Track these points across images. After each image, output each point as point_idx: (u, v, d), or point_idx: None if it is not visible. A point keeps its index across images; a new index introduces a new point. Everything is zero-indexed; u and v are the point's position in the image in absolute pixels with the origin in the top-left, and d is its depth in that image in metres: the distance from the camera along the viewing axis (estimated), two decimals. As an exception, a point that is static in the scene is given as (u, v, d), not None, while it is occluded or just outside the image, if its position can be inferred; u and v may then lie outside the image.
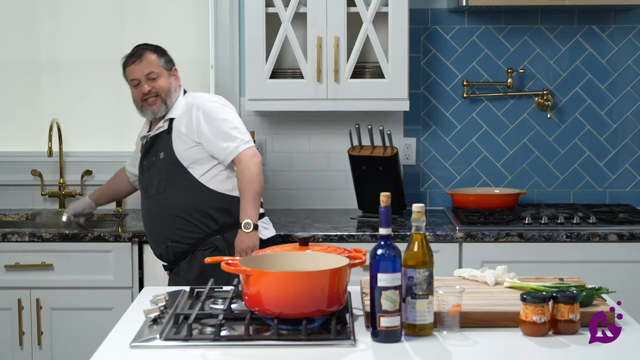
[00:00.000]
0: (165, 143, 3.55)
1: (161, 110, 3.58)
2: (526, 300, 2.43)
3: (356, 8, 4.06)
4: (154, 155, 3.58)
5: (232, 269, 2.49)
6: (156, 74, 3.58)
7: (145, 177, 3.60)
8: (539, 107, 4.38)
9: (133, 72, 3.59)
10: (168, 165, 3.53)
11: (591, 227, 3.90)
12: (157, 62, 3.60)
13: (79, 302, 3.86)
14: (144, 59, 3.59)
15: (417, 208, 2.44)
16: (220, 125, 3.51)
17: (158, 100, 3.57)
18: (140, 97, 3.58)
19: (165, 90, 3.58)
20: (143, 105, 3.59)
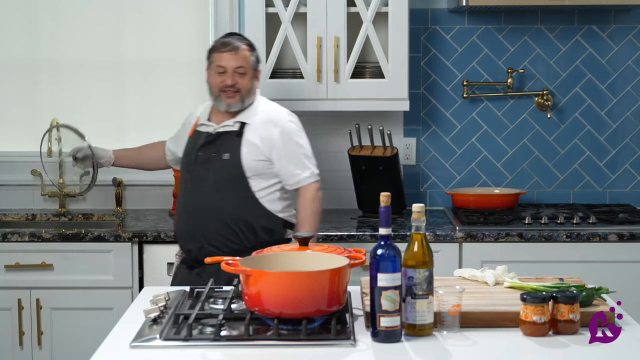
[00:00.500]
0: (232, 145, 3.46)
1: (236, 106, 3.48)
2: (526, 300, 2.43)
3: (356, 8, 4.06)
4: (214, 152, 3.47)
5: (232, 269, 2.49)
6: (245, 70, 3.47)
7: (197, 168, 3.49)
8: (539, 107, 4.38)
9: (223, 59, 3.47)
10: (230, 169, 3.44)
11: (591, 227, 3.90)
12: (249, 59, 3.50)
13: (79, 302, 3.86)
14: (240, 52, 3.48)
15: (417, 208, 2.44)
16: (296, 150, 3.49)
17: (237, 96, 3.47)
18: (219, 86, 3.47)
19: (248, 89, 3.48)
20: (219, 95, 3.48)
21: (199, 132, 3.54)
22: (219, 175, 3.45)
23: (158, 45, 4.44)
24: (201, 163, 3.48)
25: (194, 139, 3.56)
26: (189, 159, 3.53)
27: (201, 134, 3.53)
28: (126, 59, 4.44)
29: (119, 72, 4.45)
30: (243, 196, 3.44)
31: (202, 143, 3.50)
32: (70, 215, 4.31)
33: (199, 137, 3.53)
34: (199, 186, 3.47)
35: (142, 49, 4.44)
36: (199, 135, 3.54)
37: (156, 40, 4.45)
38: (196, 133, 3.56)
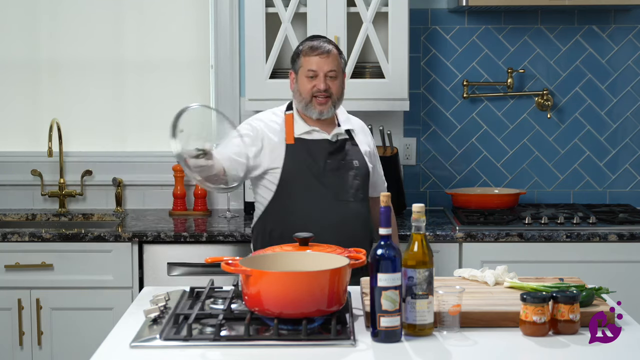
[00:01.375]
0: (356, 152, 3.39)
1: (328, 113, 3.33)
2: (526, 300, 2.43)
3: (356, 8, 4.06)
4: (342, 159, 3.35)
5: (232, 269, 2.49)
6: (336, 73, 3.32)
7: (330, 177, 3.32)
8: (539, 107, 4.38)
9: (314, 63, 3.30)
10: (364, 176, 3.38)
11: (591, 227, 3.90)
12: (339, 62, 3.35)
13: (79, 302, 3.86)
14: (331, 55, 3.31)
15: (417, 208, 2.44)
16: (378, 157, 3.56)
17: (329, 102, 3.31)
18: (310, 92, 3.31)
19: (339, 93, 3.35)
20: (311, 101, 3.31)
21: (307, 139, 3.35)
22: (358, 183, 3.36)
23: (158, 45, 4.44)
24: (333, 170, 3.33)
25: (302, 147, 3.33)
26: (311, 166, 3.32)
27: (315, 141, 3.35)
28: (126, 59, 4.45)
29: (119, 72, 4.45)
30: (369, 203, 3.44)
31: (329, 150, 3.34)
32: (70, 215, 4.32)
33: (312, 144, 3.34)
34: (340, 195, 3.32)
35: (142, 49, 4.44)
36: (310, 143, 3.34)
37: (156, 40, 4.45)
38: (301, 140, 3.35)
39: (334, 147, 3.35)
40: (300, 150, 3.33)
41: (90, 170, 4.40)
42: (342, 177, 3.33)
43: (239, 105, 4.36)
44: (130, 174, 4.41)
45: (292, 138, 3.34)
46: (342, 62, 3.37)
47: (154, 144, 4.47)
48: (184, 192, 4.31)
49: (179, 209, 4.30)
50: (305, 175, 3.31)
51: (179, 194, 4.31)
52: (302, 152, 3.33)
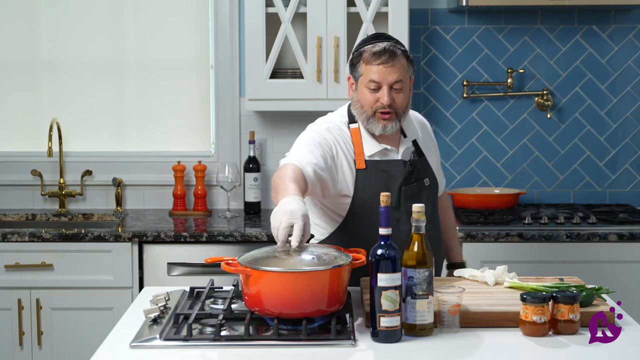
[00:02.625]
0: (425, 168, 2.99)
1: (392, 128, 2.85)
2: (526, 300, 2.43)
3: (356, 8, 4.06)
4: (415, 181, 2.94)
5: (232, 269, 2.49)
6: (402, 85, 2.82)
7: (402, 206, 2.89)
8: (539, 107, 4.38)
9: (377, 73, 2.80)
10: (434, 195, 3.02)
11: (591, 227, 3.90)
12: (407, 68, 2.84)
13: (79, 302, 3.86)
14: (397, 62, 2.81)
15: (417, 208, 2.44)
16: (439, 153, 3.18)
17: (393, 117, 2.83)
18: (373, 106, 2.83)
19: (404, 107, 2.86)
20: (374, 115, 2.84)
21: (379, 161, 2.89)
22: (430, 205, 2.95)
23: (158, 45, 4.44)
24: (407, 198, 2.90)
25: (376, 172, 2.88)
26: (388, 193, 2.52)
27: (387, 163, 2.90)
28: (126, 59, 4.45)
29: (119, 72, 4.45)
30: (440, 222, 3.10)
31: (403, 176, 2.90)
32: (70, 215, 4.32)
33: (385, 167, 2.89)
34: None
35: (142, 49, 4.44)
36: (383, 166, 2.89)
37: (156, 40, 4.45)
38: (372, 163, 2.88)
39: (407, 171, 2.92)
40: (373, 177, 2.87)
41: (90, 170, 4.40)
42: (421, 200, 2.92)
43: (239, 105, 4.36)
44: (130, 174, 4.41)
45: (362, 161, 2.86)
46: (410, 69, 2.87)
47: (154, 144, 4.47)
48: (184, 192, 4.31)
49: (179, 209, 4.30)
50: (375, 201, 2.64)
51: (179, 194, 4.31)
52: (375, 179, 2.87)
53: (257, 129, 4.38)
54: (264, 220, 4.15)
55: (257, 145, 4.36)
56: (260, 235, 3.84)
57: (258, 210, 4.31)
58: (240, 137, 4.39)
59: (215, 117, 4.40)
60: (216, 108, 4.39)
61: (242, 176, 4.32)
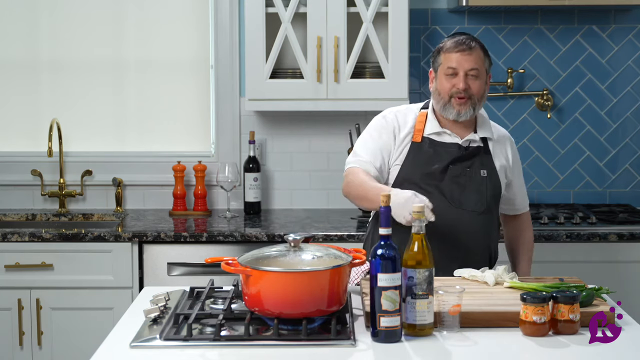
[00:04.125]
0: (486, 162, 3.10)
1: (467, 114, 3.04)
2: (526, 300, 2.43)
3: (356, 8, 4.06)
4: (468, 167, 3.07)
5: (232, 269, 2.49)
6: (478, 72, 3.03)
7: (449, 184, 3.05)
8: (539, 107, 4.38)
9: (455, 60, 3.02)
10: (493, 188, 3.10)
11: (591, 227, 3.90)
12: (483, 60, 3.06)
13: (79, 302, 3.86)
14: (474, 52, 3.03)
15: (417, 208, 2.44)
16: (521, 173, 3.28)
17: (468, 102, 3.03)
18: (450, 91, 3.03)
19: (480, 94, 3.05)
20: (450, 101, 3.04)
21: (436, 141, 3.09)
22: (482, 193, 3.07)
23: (158, 45, 4.44)
24: (453, 177, 3.06)
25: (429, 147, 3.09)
26: (432, 170, 3.06)
27: (444, 144, 3.09)
28: (126, 58, 4.45)
29: (119, 72, 4.45)
30: (497, 220, 3.17)
31: (455, 155, 3.07)
32: (70, 215, 4.32)
33: (440, 146, 3.09)
34: (458, 202, 3.04)
35: (142, 48, 4.44)
36: (438, 145, 3.09)
37: (156, 39, 4.45)
38: (428, 140, 3.10)
39: (461, 153, 3.08)
40: (424, 151, 3.09)
41: (90, 170, 4.40)
42: (464, 185, 3.05)
43: (238, 105, 4.36)
44: (130, 174, 4.41)
45: (419, 136, 3.10)
46: (486, 62, 3.08)
47: (154, 144, 4.47)
48: (184, 192, 4.31)
49: (179, 209, 4.30)
50: (423, 178, 3.05)
51: (179, 194, 4.31)
52: (426, 153, 3.08)
53: (257, 129, 4.38)
54: (264, 220, 4.15)
55: (257, 145, 4.36)
56: (260, 235, 3.84)
57: (258, 210, 4.31)
58: (240, 137, 4.39)
59: (215, 117, 4.40)
60: (216, 108, 4.39)
61: (242, 176, 4.32)
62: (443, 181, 3.05)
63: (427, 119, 3.12)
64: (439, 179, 3.05)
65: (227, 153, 4.39)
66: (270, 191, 4.42)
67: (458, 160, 3.07)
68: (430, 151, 3.08)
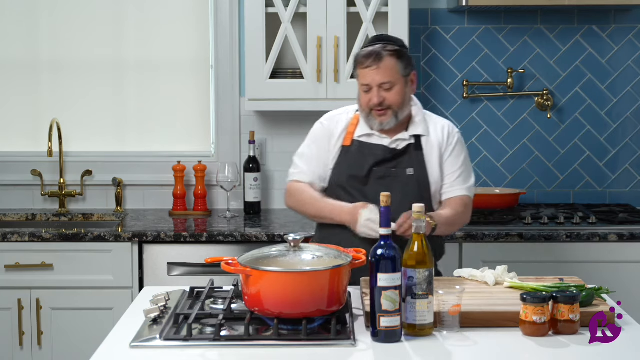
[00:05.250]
0: (415, 160, 3.13)
1: (390, 122, 3.09)
2: (526, 300, 2.43)
3: (356, 8, 4.06)
4: (394, 167, 3.12)
5: (232, 269, 2.49)
6: (391, 84, 3.05)
7: (373, 186, 3.10)
8: (539, 107, 4.38)
9: (365, 76, 3.06)
10: (420, 186, 3.12)
11: (591, 227, 3.90)
12: (396, 69, 3.05)
13: (79, 302, 3.86)
14: (382, 65, 3.03)
15: (417, 208, 2.44)
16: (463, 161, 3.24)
17: (388, 112, 3.07)
18: (368, 105, 3.08)
19: (398, 103, 3.07)
20: (370, 113, 3.10)
21: (364, 143, 3.16)
22: (405, 193, 3.08)
23: (158, 45, 4.44)
24: (377, 179, 3.11)
25: (357, 150, 3.16)
26: (357, 172, 3.14)
27: (371, 145, 3.15)
28: (126, 58, 4.45)
29: (119, 72, 4.45)
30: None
31: (380, 158, 3.13)
32: (70, 215, 4.32)
33: (367, 148, 3.15)
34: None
35: (142, 48, 4.44)
36: (366, 147, 3.15)
37: (156, 39, 4.45)
38: (357, 143, 3.16)
39: (386, 155, 3.12)
40: (352, 154, 3.15)
41: (90, 170, 4.40)
42: (388, 185, 3.07)
43: (238, 105, 4.36)
44: (130, 174, 4.41)
45: (349, 140, 3.17)
46: (401, 67, 3.07)
47: (154, 144, 4.47)
48: (184, 192, 4.31)
49: (179, 209, 4.30)
50: (349, 181, 3.13)
51: (179, 194, 4.31)
52: (353, 156, 3.15)
53: (257, 129, 4.37)
54: (264, 220, 4.15)
55: (257, 145, 4.36)
56: (260, 235, 3.84)
57: (258, 210, 4.31)
58: (240, 137, 4.38)
59: (215, 117, 4.40)
60: (216, 108, 4.39)
61: (242, 176, 4.32)
62: (367, 184, 3.11)
63: (359, 121, 3.18)
64: (364, 182, 3.12)
65: (227, 153, 4.39)
66: (270, 191, 4.42)
67: (382, 161, 3.12)
68: (357, 154, 3.14)
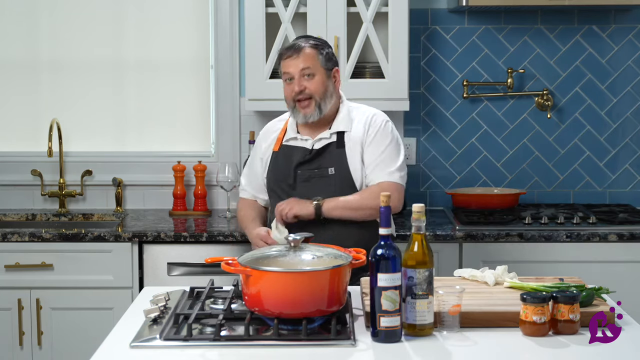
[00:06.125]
0: (336, 158, 3.22)
1: (314, 115, 3.19)
2: (526, 300, 2.43)
3: (356, 8, 4.06)
4: (316, 167, 3.22)
5: (232, 269, 2.49)
6: (311, 70, 3.16)
7: (300, 188, 3.22)
8: (539, 107, 4.38)
9: (287, 66, 3.20)
10: (343, 183, 3.20)
11: (591, 227, 3.90)
12: (315, 58, 3.18)
13: (79, 302, 3.86)
14: (303, 53, 3.17)
15: (417, 208, 2.44)
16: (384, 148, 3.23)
17: (311, 103, 3.18)
18: (291, 96, 3.20)
19: (320, 92, 3.18)
20: (295, 106, 3.21)
21: (290, 146, 3.29)
22: (329, 193, 3.18)
23: (158, 45, 4.44)
24: (303, 181, 3.23)
25: (283, 155, 3.29)
26: (284, 176, 3.26)
27: (294, 148, 3.28)
28: (126, 58, 4.45)
29: (119, 72, 4.45)
30: None
31: (300, 160, 3.24)
32: (70, 215, 4.32)
33: (291, 152, 3.28)
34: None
35: (142, 48, 4.44)
36: (290, 150, 3.28)
37: (156, 39, 4.45)
38: (284, 147, 3.29)
39: (306, 157, 3.24)
40: (280, 159, 3.29)
41: (90, 170, 4.40)
42: (314, 187, 3.20)
43: (238, 105, 4.36)
44: (130, 174, 4.41)
45: (278, 145, 3.30)
46: (321, 59, 3.20)
47: (154, 144, 4.47)
48: (184, 192, 4.31)
49: (179, 209, 4.30)
50: (279, 185, 3.28)
51: (179, 194, 4.31)
52: (281, 161, 3.28)
53: (257, 129, 4.37)
54: (264, 220, 4.15)
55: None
56: (260, 235, 3.84)
57: (258, 210, 4.31)
58: (240, 137, 4.39)
59: (215, 117, 4.40)
60: (216, 108, 4.39)
61: (242, 176, 4.32)
62: (295, 187, 3.23)
63: (288, 126, 3.29)
64: (292, 186, 3.24)
65: (227, 153, 4.39)
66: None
67: (303, 163, 3.23)
68: (283, 158, 3.26)
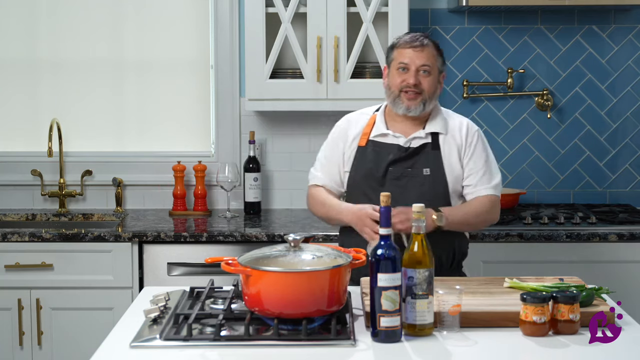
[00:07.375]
0: (432, 159, 3.11)
1: (416, 110, 3.10)
2: (526, 300, 2.43)
3: (356, 8, 4.06)
4: (410, 167, 3.10)
5: (232, 269, 2.49)
6: (430, 68, 3.10)
7: (389, 187, 3.08)
8: (539, 107, 4.38)
9: (406, 55, 3.09)
10: (436, 186, 3.09)
11: (591, 227, 3.90)
12: (435, 57, 3.14)
13: (79, 302, 3.86)
14: (427, 49, 3.11)
15: (417, 208, 2.44)
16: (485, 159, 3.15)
17: (419, 98, 3.10)
18: (399, 85, 3.09)
19: (430, 91, 3.11)
20: (399, 95, 3.10)
21: (379, 142, 3.15)
22: (422, 191, 3.07)
23: (158, 45, 4.44)
24: (393, 179, 3.10)
25: (372, 150, 3.15)
26: (373, 173, 3.12)
27: (385, 145, 3.14)
28: (126, 58, 4.45)
29: (119, 72, 4.45)
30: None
31: (394, 157, 3.11)
32: (70, 215, 4.31)
33: (381, 148, 3.14)
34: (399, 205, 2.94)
35: (142, 49, 4.44)
36: (381, 147, 3.15)
37: (156, 40, 4.45)
38: (373, 143, 3.16)
39: (401, 154, 3.11)
40: (368, 154, 3.14)
41: (90, 170, 4.40)
42: (404, 186, 3.08)
43: (239, 105, 4.36)
44: (130, 174, 4.41)
45: (365, 140, 3.16)
46: (438, 61, 3.15)
47: (154, 144, 4.47)
48: (184, 192, 4.31)
49: (179, 209, 4.30)
50: (366, 182, 3.12)
51: (179, 194, 4.31)
52: (369, 157, 3.14)
53: (257, 129, 4.38)
54: (264, 220, 4.15)
55: (257, 145, 4.36)
56: (260, 235, 3.84)
57: (258, 210, 4.31)
58: (240, 137, 4.39)
59: (215, 117, 4.40)
60: (216, 108, 4.39)
61: (242, 176, 4.32)
62: (384, 184, 3.10)
63: (375, 121, 3.18)
64: (381, 183, 3.11)
65: (227, 153, 4.39)
66: (270, 191, 4.42)
67: (397, 161, 3.11)
68: (373, 154, 3.14)
